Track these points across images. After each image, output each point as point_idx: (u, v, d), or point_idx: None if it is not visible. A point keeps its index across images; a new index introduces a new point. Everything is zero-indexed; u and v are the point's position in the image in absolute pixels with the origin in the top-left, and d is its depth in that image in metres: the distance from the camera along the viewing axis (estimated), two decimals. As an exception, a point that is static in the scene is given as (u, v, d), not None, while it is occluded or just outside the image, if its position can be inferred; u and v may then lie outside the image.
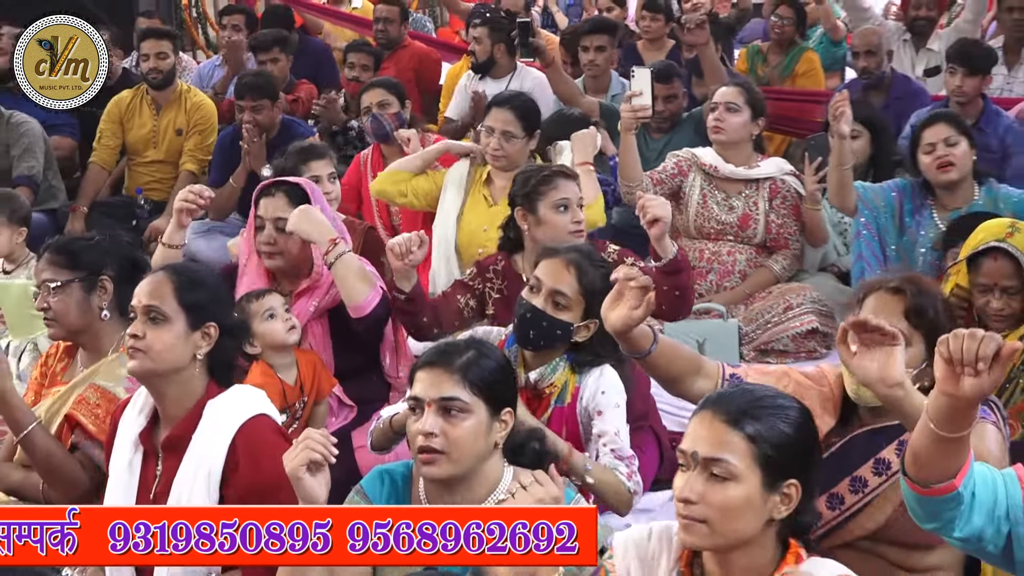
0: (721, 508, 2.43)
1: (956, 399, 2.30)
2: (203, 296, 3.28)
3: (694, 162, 6.04)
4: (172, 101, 7.76)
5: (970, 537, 2.47)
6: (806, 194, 5.86)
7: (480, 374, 2.95)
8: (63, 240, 4.16)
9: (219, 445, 3.18)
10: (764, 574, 2.51)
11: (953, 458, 2.40)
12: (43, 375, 4.10)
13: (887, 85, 7.72)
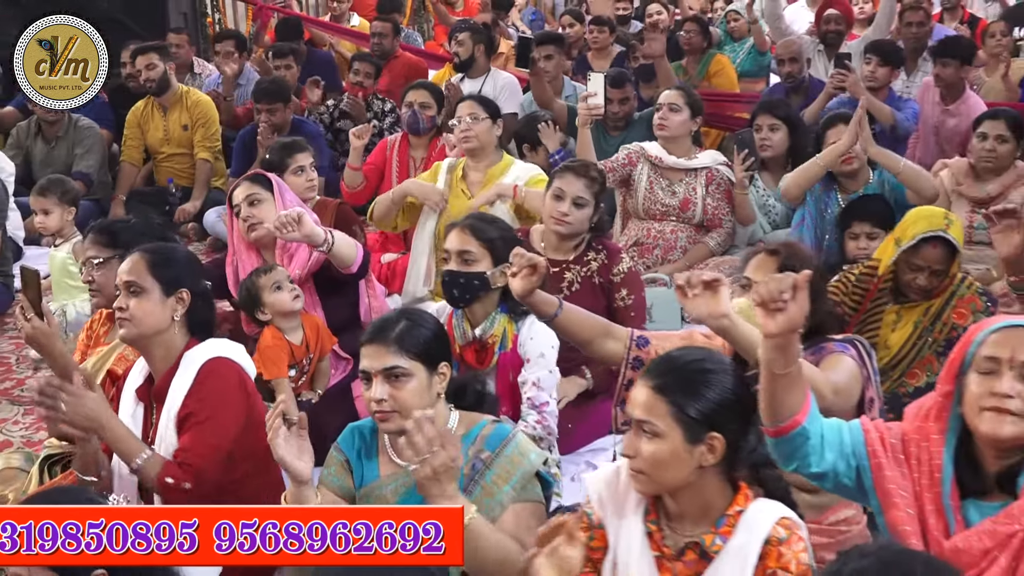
0: (651, 461, 2.47)
1: (775, 336, 2.37)
2: (173, 268, 3.33)
3: (642, 154, 6.06)
4: (175, 103, 7.74)
5: (827, 472, 2.53)
6: (736, 181, 5.91)
7: (413, 341, 2.98)
8: (104, 223, 4.19)
9: (183, 387, 3.24)
10: (717, 509, 2.52)
11: (790, 393, 2.45)
12: (88, 338, 4.11)
13: (805, 88, 7.82)
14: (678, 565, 2.54)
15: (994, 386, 2.35)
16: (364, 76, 8.11)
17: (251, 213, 4.57)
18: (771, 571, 2.44)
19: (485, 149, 5.64)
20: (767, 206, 6.19)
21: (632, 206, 6.09)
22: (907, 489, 2.50)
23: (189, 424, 3.23)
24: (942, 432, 2.47)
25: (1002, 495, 2.43)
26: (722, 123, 8.01)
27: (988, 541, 2.36)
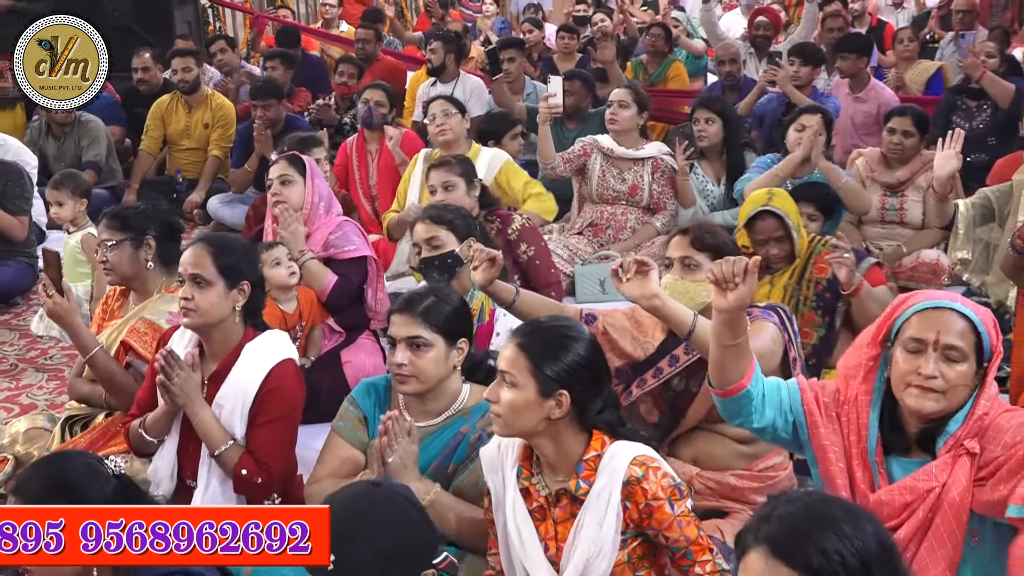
0: (508, 406, 2.51)
1: (726, 311, 2.37)
2: (235, 260, 3.24)
3: (595, 146, 6.03)
4: (200, 103, 7.67)
5: (767, 427, 2.53)
6: (678, 168, 5.89)
7: (438, 316, 2.98)
8: (117, 209, 4.13)
9: (254, 381, 3.16)
10: (575, 456, 2.54)
11: (738, 361, 2.46)
12: (104, 311, 4.07)
13: (740, 86, 7.81)
14: (556, 511, 2.55)
15: (920, 366, 2.34)
16: (348, 76, 8.12)
17: (279, 191, 4.53)
18: (644, 504, 2.46)
19: (457, 140, 5.72)
20: (706, 191, 6.17)
21: (587, 192, 6.07)
22: (838, 445, 2.49)
23: (262, 421, 3.17)
24: (868, 394, 2.47)
25: (922, 452, 2.43)
26: (666, 118, 8.01)
27: (909, 496, 2.36)
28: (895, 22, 10.79)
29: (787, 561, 1.74)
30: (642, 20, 11.44)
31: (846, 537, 1.76)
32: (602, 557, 2.47)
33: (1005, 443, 2.30)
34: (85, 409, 3.97)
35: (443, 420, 3.02)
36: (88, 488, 2.35)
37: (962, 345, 2.33)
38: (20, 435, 3.97)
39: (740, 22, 10.82)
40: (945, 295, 2.42)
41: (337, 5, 11.31)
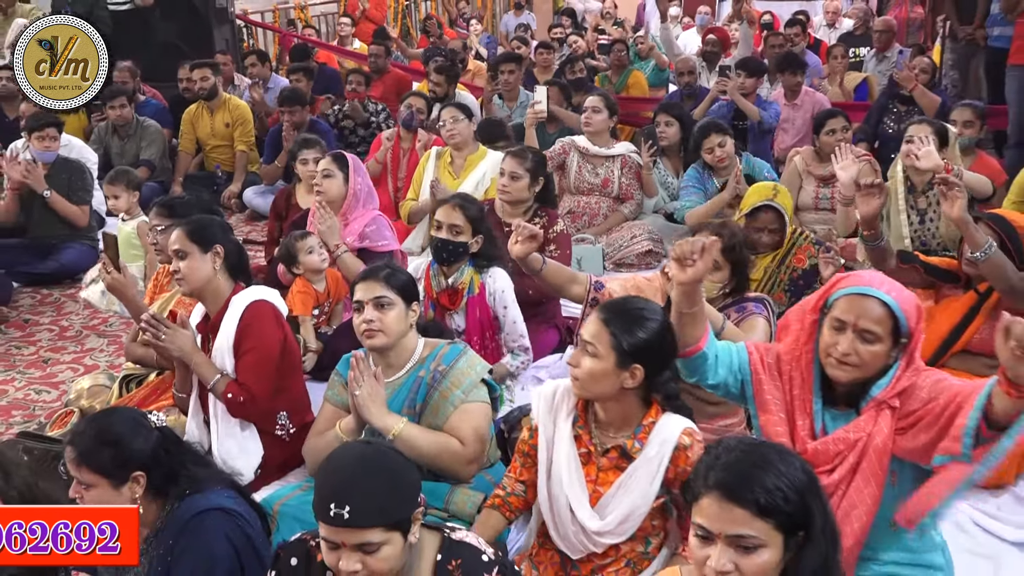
0: (587, 373, 2.46)
1: (684, 283, 2.37)
2: (207, 231, 3.24)
3: (573, 145, 6.02)
4: (219, 107, 7.61)
5: (719, 383, 2.53)
6: (643, 164, 5.88)
7: (397, 281, 3.00)
8: (165, 199, 4.12)
9: (233, 321, 3.18)
10: (634, 420, 2.51)
11: (695, 327, 2.46)
12: (155, 286, 4.07)
13: (696, 94, 7.79)
14: (603, 460, 2.52)
15: (839, 343, 2.33)
16: (357, 84, 8.15)
17: (321, 183, 4.56)
18: (682, 469, 2.44)
19: (466, 142, 5.74)
20: (666, 183, 6.18)
21: (566, 184, 6.05)
22: (779, 399, 2.48)
23: (241, 353, 3.18)
24: (811, 353, 2.45)
25: (846, 407, 2.42)
26: (633, 121, 7.98)
27: (841, 445, 2.36)
28: (828, 40, 10.77)
29: (739, 503, 1.74)
30: (611, 36, 11.42)
31: (782, 474, 1.77)
32: (644, 507, 2.47)
33: (922, 398, 2.30)
34: (139, 369, 3.97)
35: (405, 372, 3.02)
36: (134, 439, 2.34)
37: (878, 330, 2.30)
38: (84, 391, 3.98)
39: (695, 39, 10.83)
40: (873, 281, 2.37)
41: (351, 25, 11.37)
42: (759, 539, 1.74)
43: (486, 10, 15.78)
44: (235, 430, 3.20)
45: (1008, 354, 1.98)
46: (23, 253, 5.94)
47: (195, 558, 2.29)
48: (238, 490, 2.52)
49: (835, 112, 5.79)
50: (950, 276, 3.78)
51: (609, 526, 2.48)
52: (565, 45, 10.40)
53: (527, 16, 14.20)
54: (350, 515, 1.92)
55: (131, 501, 2.31)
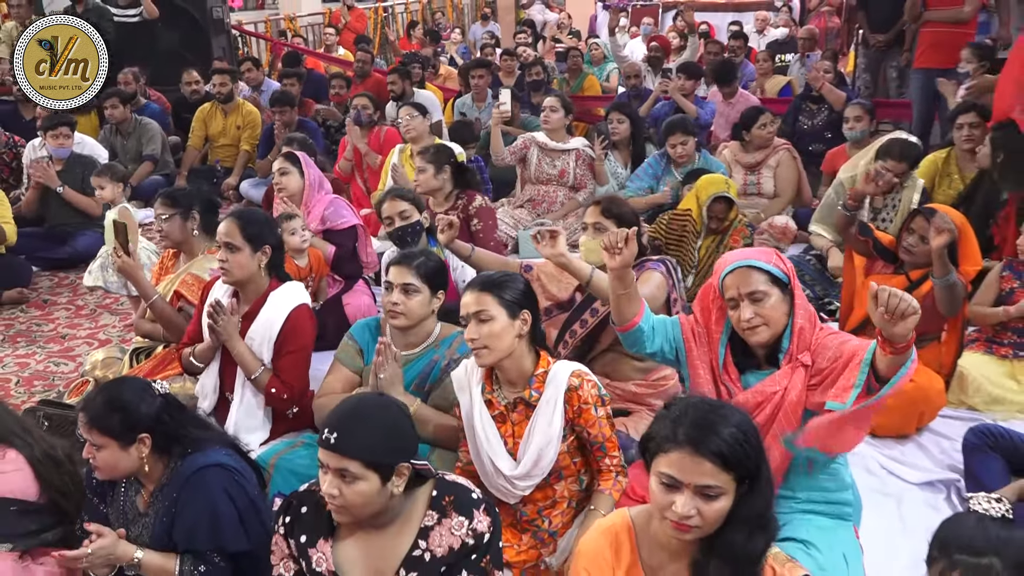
0: (488, 336, 2.46)
1: (615, 269, 2.41)
2: (258, 229, 3.15)
3: (533, 140, 5.99)
4: (234, 110, 7.50)
5: (656, 352, 2.55)
6: (596, 156, 5.86)
7: (426, 269, 2.93)
8: (168, 190, 4.05)
9: (278, 320, 3.11)
10: (528, 372, 2.52)
11: (630, 305, 2.48)
12: (161, 268, 4.02)
13: (642, 94, 7.78)
14: (514, 415, 2.54)
15: (741, 313, 2.37)
16: (339, 88, 8.05)
17: (279, 180, 4.50)
18: (577, 407, 2.47)
19: (421, 136, 5.67)
20: (616, 173, 6.17)
21: (527, 175, 6.03)
22: (706, 361, 2.51)
23: (285, 352, 3.12)
24: (719, 332, 2.49)
25: (769, 367, 2.45)
26: (586, 119, 7.95)
27: (760, 397, 2.39)
28: (758, 46, 10.81)
29: (707, 456, 1.76)
30: (567, 45, 11.39)
31: (734, 424, 1.79)
32: (550, 447, 2.48)
33: (829, 357, 2.33)
34: (148, 342, 3.93)
35: (420, 350, 2.98)
36: (139, 405, 2.32)
37: (762, 288, 2.35)
38: (99, 363, 3.94)
39: (641, 47, 10.83)
40: (739, 254, 2.43)
41: (336, 34, 11.25)
42: (721, 488, 1.76)
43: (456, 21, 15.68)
44: (257, 412, 3.16)
45: (878, 318, 2.01)
46: (42, 240, 5.87)
47: (197, 510, 2.29)
48: (235, 448, 2.51)
49: (763, 109, 5.83)
50: (889, 254, 3.77)
51: (524, 469, 2.49)
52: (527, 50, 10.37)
53: (492, 26, 14.13)
54: (335, 440, 1.96)
55: (138, 460, 2.31)
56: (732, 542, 1.78)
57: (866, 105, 5.72)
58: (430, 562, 2.03)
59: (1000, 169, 4.36)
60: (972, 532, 1.78)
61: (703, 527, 1.78)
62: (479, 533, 2.04)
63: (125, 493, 2.43)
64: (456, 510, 2.06)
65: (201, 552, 2.30)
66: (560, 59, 10.20)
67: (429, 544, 2.04)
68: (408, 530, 2.06)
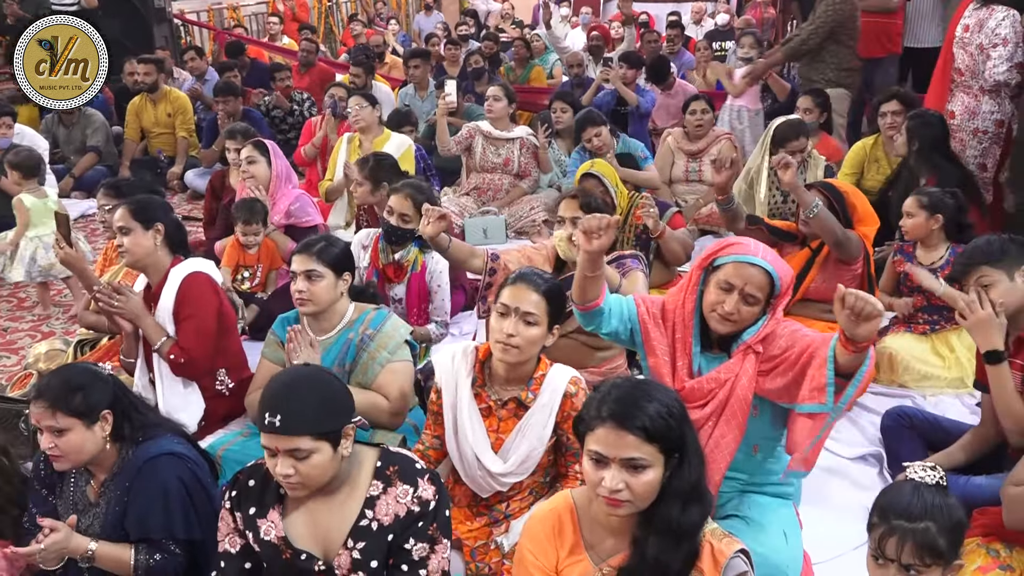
0: (529, 340, 2.46)
1: (591, 253, 2.38)
2: (149, 210, 3.11)
3: (478, 130, 5.97)
4: (161, 98, 7.36)
5: (612, 332, 2.55)
6: (539, 145, 5.87)
7: (328, 255, 2.93)
8: (111, 181, 3.99)
9: (172, 291, 3.09)
10: (527, 374, 2.53)
11: (595, 286, 2.47)
12: (105, 259, 3.94)
13: (584, 84, 7.80)
14: (502, 412, 2.54)
15: (725, 302, 2.37)
16: (284, 78, 7.87)
17: (247, 169, 4.41)
18: (567, 413, 2.48)
19: (371, 126, 5.60)
20: (560, 161, 6.19)
21: (472, 164, 6.01)
22: (663, 343, 2.51)
23: (180, 319, 3.09)
24: (694, 303, 2.48)
25: (719, 350, 2.47)
26: (530, 108, 7.93)
27: (712, 384, 2.40)
28: (696, 35, 10.90)
29: (630, 430, 1.78)
30: (511, 36, 11.36)
31: (663, 405, 1.81)
32: (540, 449, 2.49)
33: (781, 346, 2.35)
34: (92, 334, 3.86)
35: (335, 333, 2.97)
36: (96, 383, 2.28)
37: (759, 295, 2.36)
38: (42, 355, 3.85)
39: (582, 36, 10.86)
40: (757, 251, 2.41)
41: (279, 23, 11.07)
42: (646, 460, 1.78)
43: (400, 10, 15.54)
44: (178, 387, 3.12)
45: (844, 319, 2.05)
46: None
47: (150, 497, 2.26)
48: (186, 437, 2.47)
49: (697, 96, 5.89)
50: (789, 236, 3.92)
51: (511, 467, 2.50)
52: (471, 40, 10.32)
53: (437, 16, 14.03)
54: (280, 423, 1.92)
55: (102, 440, 2.27)
56: (667, 515, 1.81)
57: (819, 96, 5.78)
58: (377, 531, 2.03)
59: (916, 156, 4.55)
60: (909, 499, 1.83)
61: (634, 501, 1.80)
62: (424, 500, 2.04)
63: (75, 483, 2.39)
64: (401, 479, 2.06)
65: (155, 540, 2.26)
66: (504, 49, 10.18)
67: (376, 513, 2.04)
68: (354, 500, 2.06)
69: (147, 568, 2.24)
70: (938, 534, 1.79)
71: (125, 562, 2.24)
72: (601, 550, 1.93)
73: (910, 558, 1.79)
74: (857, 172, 5.20)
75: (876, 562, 1.85)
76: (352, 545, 2.03)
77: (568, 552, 1.94)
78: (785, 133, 4.69)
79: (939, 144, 4.54)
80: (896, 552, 1.80)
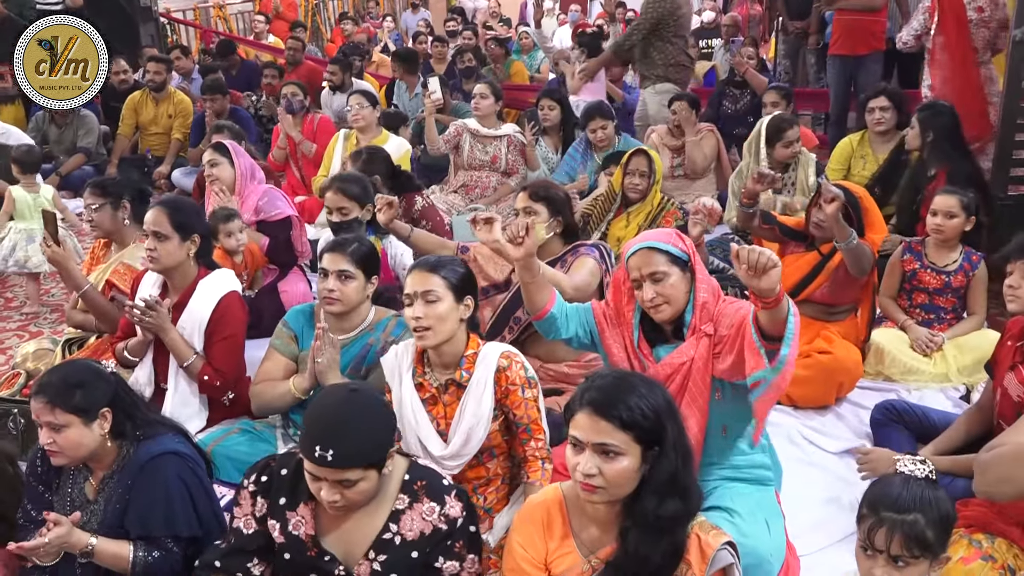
0: (437, 317, 2.47)
1: (519, 259, 2.46)
2: (186, 217, 3.10)
3: (465, 128, 5.97)
4: (165, 98, 7.34)
5: (572, 337, 2.59)
6: (527, 142, 5.88)
7: (360, 255, 2.91)
8: (97, 179, 3.95)
9: (207, 308, 3.07)
10: (459, 353, 2.54)
11: (540, 292, 2.52)
12: (92, 258, 3.92)
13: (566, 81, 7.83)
14: (445, 397, 2.55)
15: (644, 293, 2.42)
16: (271, 78, 7.87)
17: (211, 172, 4.37)
18: (504, 387, 2.50)
19: (370, 126, 5.66)
20: (547, 158, 6.19)
21: (460, 162, 6.02)
22: (619, 343, 2.55)
23: (216, 339, 3.07)
24: (631, 312, 2.53)
25: (676, 340, 2.50)
26: (517, 105, 7.95)
27: (669, 369, 2.44)
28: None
29: (605, 416, 1.81)
30: (498, 32, 11.36)
31: (644, 396, 1.84)
32: (480, 426, 2.49)
33: (727, 324, 2.38)
34: (80, 333, 3.84)
35: (355, 334, 2.98)
36: (97, 380, 2.29)
37: (662, 269, 2.40)
38: (30, 355, 3.83)
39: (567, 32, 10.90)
40: (641, 236, 2.47)
41: (266, 22, 11.05)
42: (620, 448, 1.81)
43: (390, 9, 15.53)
44: (194, 401, 3.12)
45: (743, 275, 2.04)
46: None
47: (153, 496, 2.27)
48: (185, 436, 2.48)
49: (683, 96, 5.91)
50: (798, 235, 3.85)
51: (454, 449, 2.51)
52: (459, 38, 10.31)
53: (424, 13, 14.02)
54: (333, 458, 1.91)
55: (101, 437, 2.28)
56: (645, 508, 1.84)
57: (783, 90, 5.84)
58: (400, 545, 2.05)
59: (930, 148, 4.55)
60: (899, 491, 1.86)
61: (608, 488, 1.83)
62: (452, 519, 2.06)
63: (73, 480, 2.39)
64: (428, 495, 2.07)
65: (155, 538, 2.27)
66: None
67: (400, 528, 2.05)
68: (380, 512, 2.07)
69: (145, 565, 2.25)
70: (926, 526, 1.81)
71: (124, 558, 2.25)
72: (589, 542, 1.95)
73: (899, 549, 1.82)
74: (844, 168, 5.24)
75: (865, 553, 1.87)
76: (374, 557, 2.05)
77: (557, 544, 1.97)
78: (778, 126, 4.72)
79: (951, 135, 4.55)
80: (885, 543, 1.82)
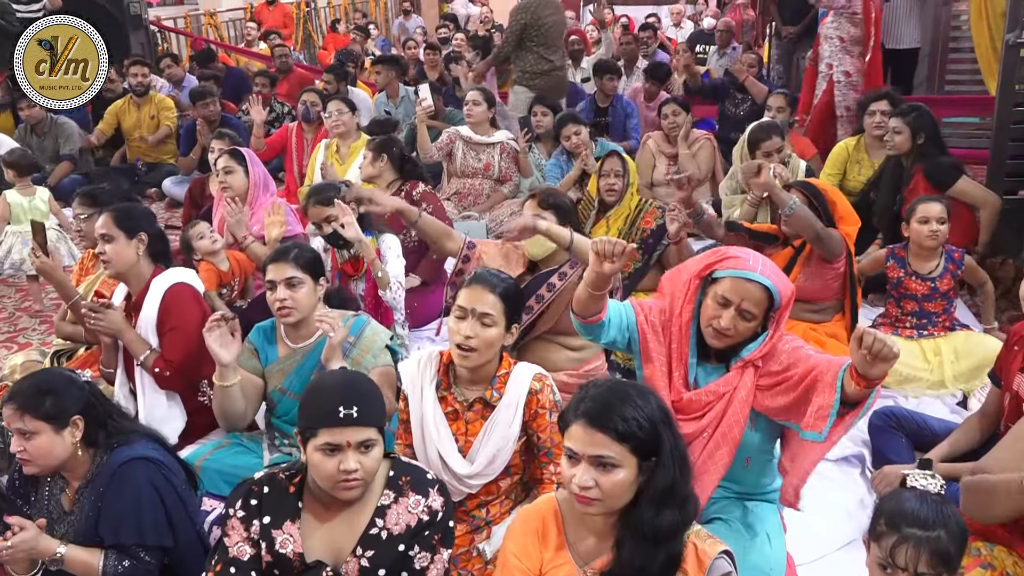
0: (487, 342, 2.44)
1: (600, 274, 2.30)
2: (133, 219, 3.12)
3: (458, 135, 5.98)
4: (146, 102, 7.37)
5: (611, 341, 2.52)
6: (520, 149, 5.88)
7: (304, 260, 2.93)
8: (87, 189, 3.95)
9: (154, 303, 3.08)
10: (492, 373, 2.52)
11: (599, 303, 2.41)
12: (81, 269, 3.91)
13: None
14: (469, 414, 2.53)
15: (722, 317, 2.33)
16: (262, 86, 7.91)
17: (224, 180, 4.37)
18: (534, 411, 2.48)
19: (350, 132, 5.70)
20: (540, 165, 6.17)
21: (453, 169, 6.02)
22: (662, 353, 2.48)
23: (164, 331, 3.08)
24: (691, 313, 2.44)
25: (717, 361, 2.44)
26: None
27: (712, 397, 2.38)
28: (677, 38, 10.96)
29: (600, 428, 1.80)
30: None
31: (638, 407, 1.82)
32: (506, 449, 2.48)
33: (782, 362, 2.32)
34: (69, 344, 3.83)
35: (314, 340, 2.97)
36: (69, 387, 2.28)
37: (755, 311, 2.31)
38: (18, 367, 3.81)
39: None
40: (756, 266, 2.35)
41: (257, 30, 11.05)
42: (616, 459, 1.80)
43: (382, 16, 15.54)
44: (161, 399, 3.11)
45: (860, 359, 2.00)
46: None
47: (123, 503, 2.24)
48: (161, 443, 2.45)
49: (674, 100, 5.93)
50: (771, 238, 3.96)
51: (478, 468, 2.49)
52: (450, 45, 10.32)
53: (418, 20, 14.03)
54: (359, 414, 1.97)
55: (72, 445, 2.26)
56: (640, 518, 1.82)
57: (787, 95, 5.85)
58: (387, 540, 2.06)
59: (919, 150, 4.60)
60: (918, 507, 1.84)
61: (604, 500, 1.81)
62: (434, 510, 2.08)
63: (50, 492, 2.37)
64: (413, 489, 2.09)
65: (126, 547, 2.25)
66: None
67: (386, 522, 2.06)
68: (365, 510, 2.08)
69: (115, 574, 2.23)
70: (949, 542, 1.80)
71: (93, 567, 2.23)
72: (584, 552, 1.93)
73: (926, 567, 1.79)
74: (839, 173, 5.25)
75: (884, 571, 1.85)
76: (361, 553, 2.05)
77: (553, 554, 1.95)
78: (758, 135, 4.75)
79: (937, 136, 4.65)
80: (911, 561, 1.80)
